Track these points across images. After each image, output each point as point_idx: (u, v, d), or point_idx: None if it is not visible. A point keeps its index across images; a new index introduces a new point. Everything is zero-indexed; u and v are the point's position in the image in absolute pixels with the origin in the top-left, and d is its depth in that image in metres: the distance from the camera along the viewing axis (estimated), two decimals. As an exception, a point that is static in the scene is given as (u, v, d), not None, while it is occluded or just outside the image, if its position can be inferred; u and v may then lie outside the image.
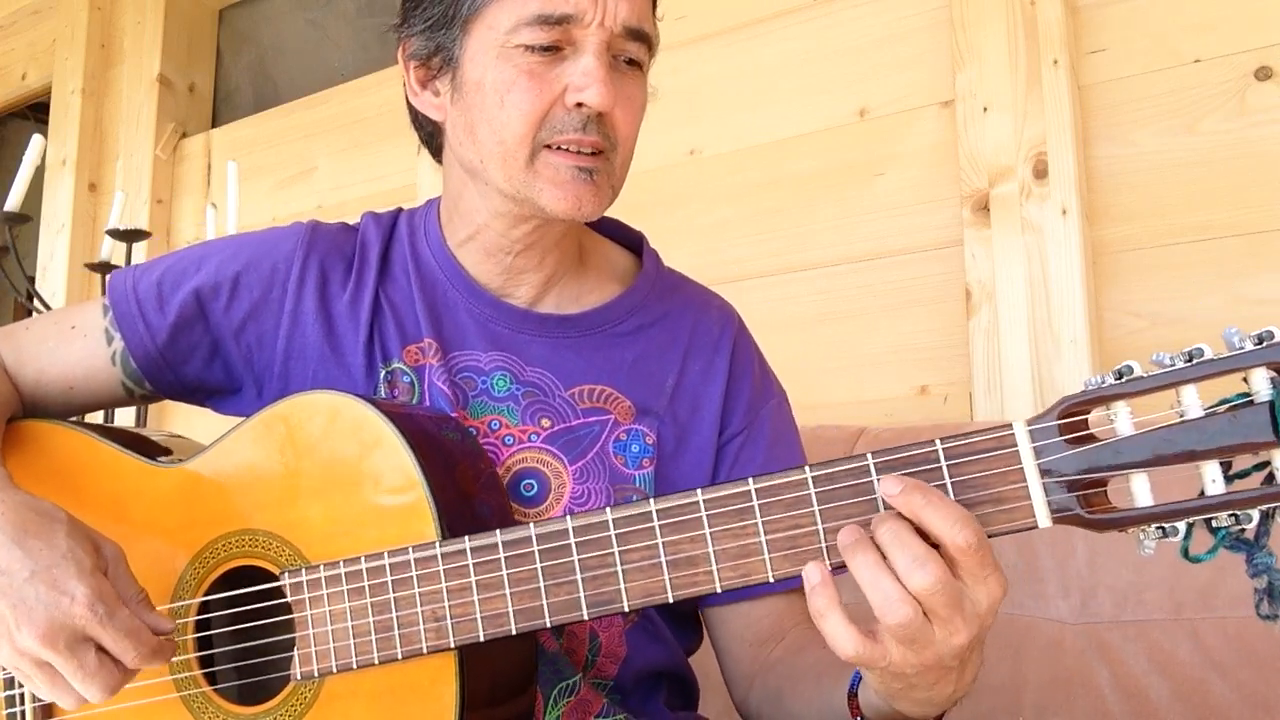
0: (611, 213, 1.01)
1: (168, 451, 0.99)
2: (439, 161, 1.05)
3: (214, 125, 3.11)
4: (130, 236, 2.28)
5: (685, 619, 1.04)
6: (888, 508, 0.68)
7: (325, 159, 2.72)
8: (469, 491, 0.86)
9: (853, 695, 0.80)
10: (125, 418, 2.51)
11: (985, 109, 1.70)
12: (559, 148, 0.90)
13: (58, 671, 0.77)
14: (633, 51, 0.93)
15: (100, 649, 0.78)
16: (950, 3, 1.76)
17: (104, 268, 2.28)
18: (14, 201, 2.11)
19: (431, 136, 1.03)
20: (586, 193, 0.91)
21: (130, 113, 3.07)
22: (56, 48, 3.26)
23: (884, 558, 0.66)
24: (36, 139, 2.16)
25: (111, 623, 0.76)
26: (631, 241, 1.12)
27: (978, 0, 1.73)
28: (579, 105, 0.89)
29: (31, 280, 2.58)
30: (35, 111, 3.54)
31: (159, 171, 2.99)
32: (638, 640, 0.97)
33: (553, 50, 0.89)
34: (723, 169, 2.00)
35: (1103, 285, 1.61)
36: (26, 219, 2.17)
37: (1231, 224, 1.52)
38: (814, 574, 0.68)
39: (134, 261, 2.38)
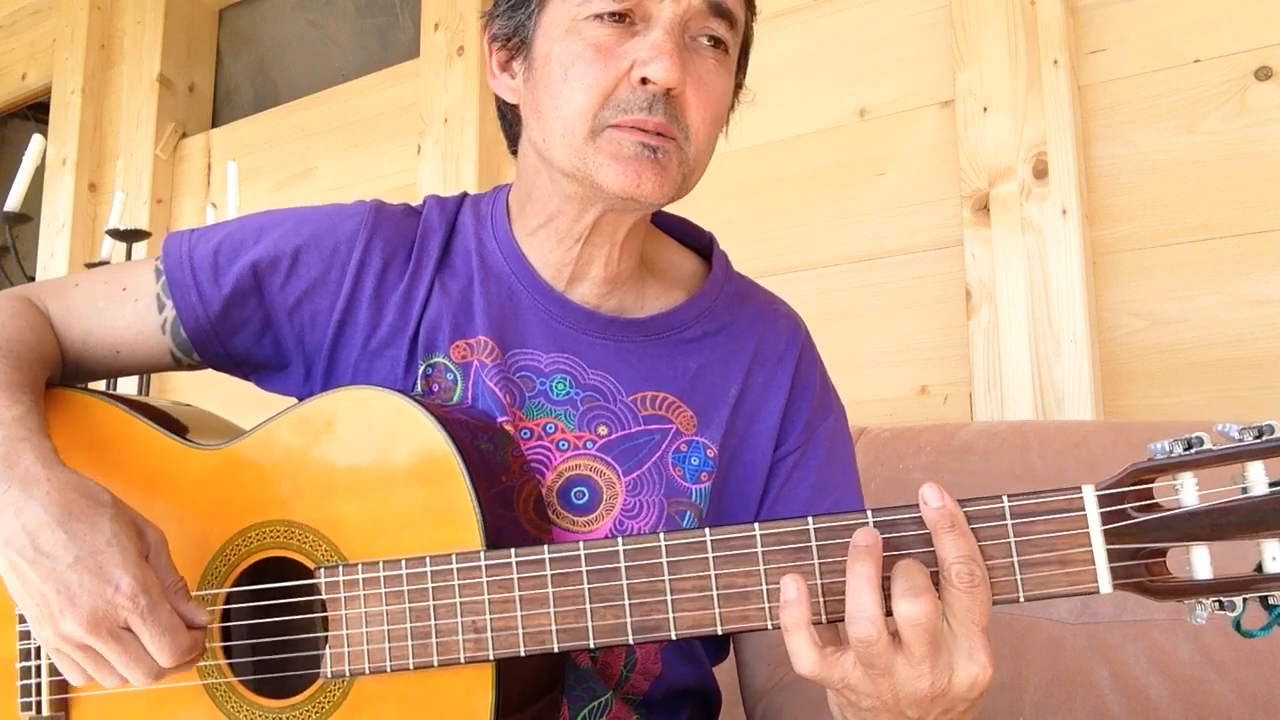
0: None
1: (198, 430, 0.97)
2: (515, 153, 1.02)
3: (214, 125, 3.11)
4: (130, 236, 2.28)
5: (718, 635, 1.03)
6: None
7: (325, 159, 2.72)
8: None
9: None
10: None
11: (985, 109, 1.70)
12: (624, 127, 0.86)
13: (102, 655, 0.77)
14: (715, 29, 0.88)
15: None
16: (950, 3, 1.76)
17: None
18: (14, 201, 2.11)
19: (510, 125, 1.00)
20: (649, 171, 0.85)
21: (130, 113, 3.07)
22: (56, 48, 3.26)
23: (882, 576, 0.66)
24: (36, 139, 2.17)
25: (153, 617, 0.75)
26: (701, 243, 1.08)
27: (978, 0, 1.73)
28: (644, 81, 0.84)
29: (32, 280, 2.58)
30: (35, 111, 3.54)
31: (159, 171, 2.99)
32: (672, 659, 0.95)
33: (623, 21, 0.86)
34: (723, 169, 1.99)
35: (1103, 285, 1.61)
36: (26, 219, 2.18)
37: (1231, 224, 1.52)
38: (790, 589, 0.68)
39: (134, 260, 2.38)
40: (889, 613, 0.66)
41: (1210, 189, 1.54)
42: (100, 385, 2.03)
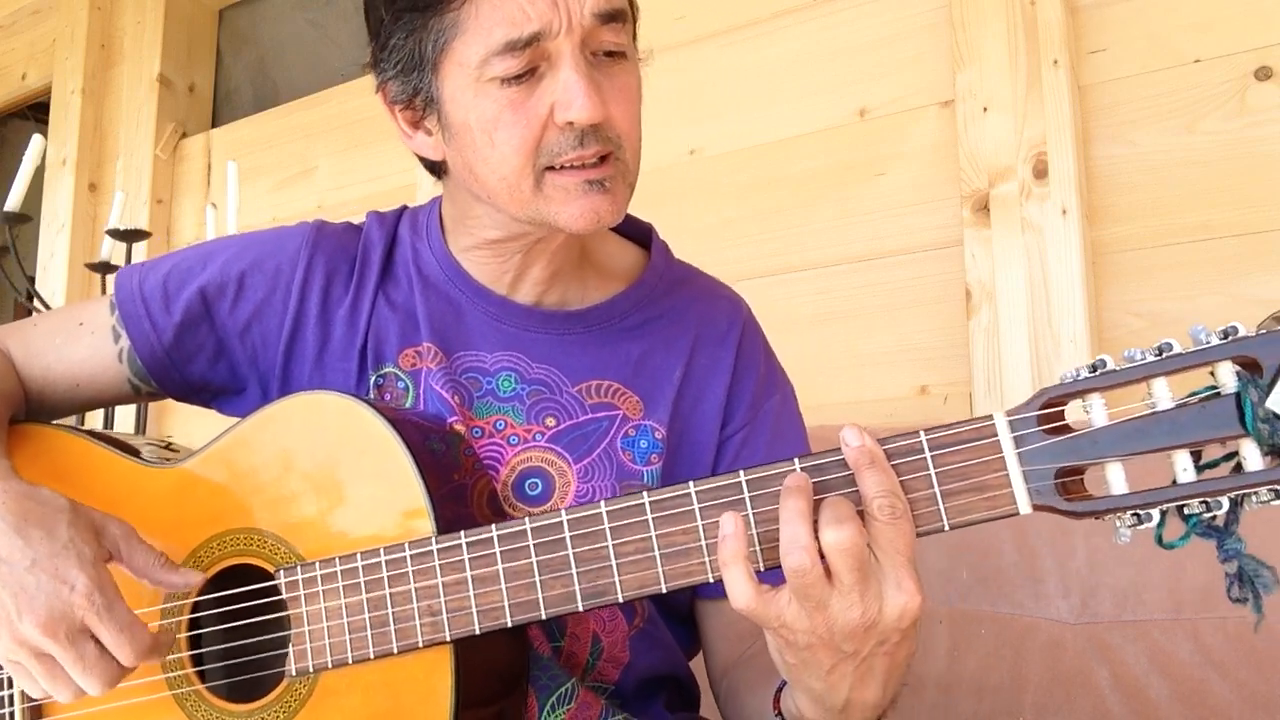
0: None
1: (158, 454, 0.99)
2: (440, 178, 1.03)
3: (214, 125, 3.11)
4: (130, 236, 2.28)
5: (686, 622, 1.04)
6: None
7: (325, 159, 2.72)
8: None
9: (778, 692, 0.81)
10: (126, 416, 2.51)
11: (985, 109, 1.70)
12: (563, 167, 0.87)
13: (57, 663, 0.77)
14: (611, 40, 0.87)
15: (98, 642, 0.78)
16: (950, 3, 1.76)
17: (104, 268, 2.29)
18: (14, 201, 2.11)
19: (434, 164, 1.00)
20: (603, 204, 0.88)
21: (130, 113, 3.07)
22: (56, 48, 3.26)
23: (812, 511, 0.69)
24: (36, 139, 2.17)
25: (109, 615, 0.77)
26: (640, 234, 1.09)
27: (978, 0, 1.73)
28: (570, 123, 0.85)
29: (31, 280, 2.58)
30: (35, 111, 3.54)
31: (159, 171, 2.99)
32: (640, 646, 0.97)
33: (528, 75, 0.85)
34: (723, 169, 2.00)
35: (1103, 285, 1.61)
36: (26, 219, 2.18)
37: (1231, 224, 1.52)
38: (728, 524, 0.70)
39: (134, 261, 2.38)
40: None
41: (1210, 189, 1.54)
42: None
